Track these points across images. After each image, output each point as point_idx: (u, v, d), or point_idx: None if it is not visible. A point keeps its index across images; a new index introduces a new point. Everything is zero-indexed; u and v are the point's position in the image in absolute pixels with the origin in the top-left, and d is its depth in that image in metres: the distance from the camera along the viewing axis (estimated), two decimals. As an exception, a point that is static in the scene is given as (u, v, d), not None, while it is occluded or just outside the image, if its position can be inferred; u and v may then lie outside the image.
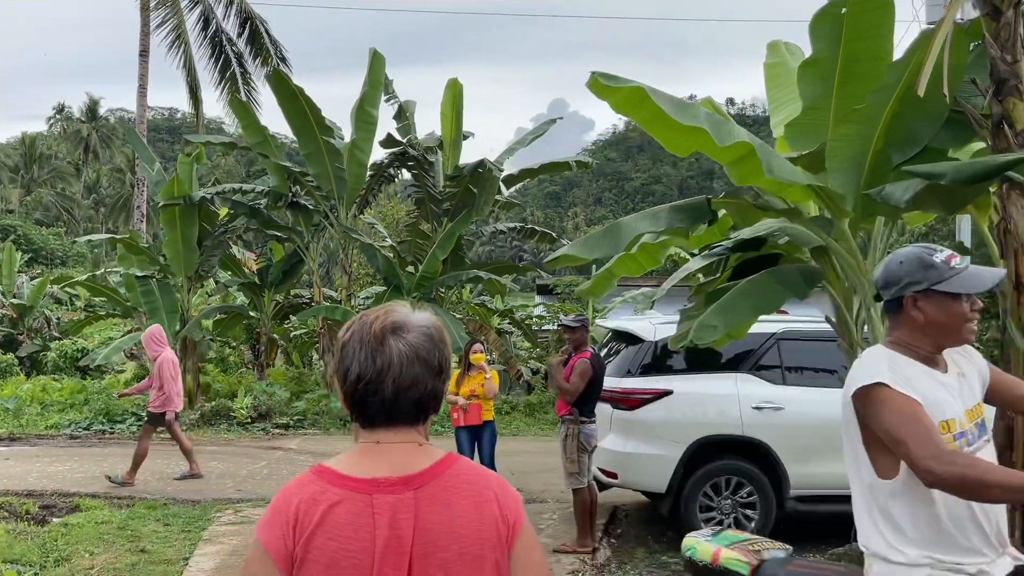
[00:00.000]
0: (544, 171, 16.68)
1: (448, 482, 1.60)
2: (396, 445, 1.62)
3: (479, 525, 1.58)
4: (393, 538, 1.52)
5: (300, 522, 1.54)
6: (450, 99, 16.65)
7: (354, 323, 1.67)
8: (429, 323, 1.66)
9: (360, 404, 1.62)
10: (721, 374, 7.48)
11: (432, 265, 15.86)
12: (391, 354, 1.59)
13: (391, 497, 1.55)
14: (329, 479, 1.58)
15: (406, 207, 30.61)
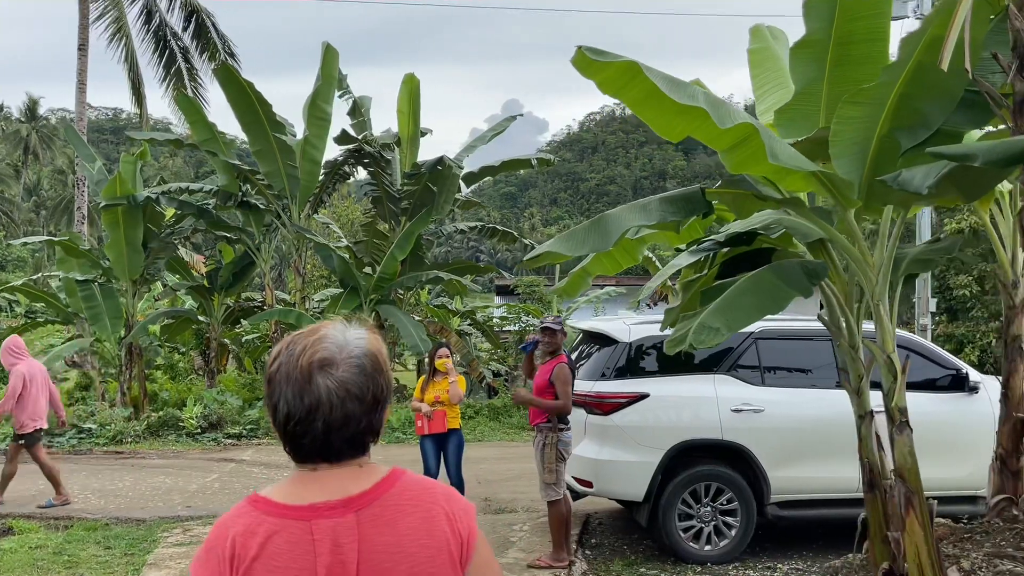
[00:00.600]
0: (505, 168, 16.29)
1: (392, 501, 1.52)
2: (335, 468, 1.54)
3: (428, 542, 1.51)
4: (336, 563, 1.45)
5: (237, 556, 1.46)
6: (407, 94, 16.17)
7: (281, 352, 1.56)
8: (361, 352, 1.54)
9: (291, 442, 1.53)
10: (698, 376, 7.16)
11: (390, 266, 15.36)
12: (319, 393, 1.49)
13: (330, 522, 1.47)
14: (264, 508, 1.50)
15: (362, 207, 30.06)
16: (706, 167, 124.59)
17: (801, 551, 7.29)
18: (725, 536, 6.98)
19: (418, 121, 16.35)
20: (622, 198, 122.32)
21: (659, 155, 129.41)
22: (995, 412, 7.20)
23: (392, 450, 11.94)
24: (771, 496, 7.05)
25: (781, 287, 3.51)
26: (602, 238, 3.70)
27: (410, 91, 16.14)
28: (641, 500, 6.94)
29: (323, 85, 15.38)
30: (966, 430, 7.23)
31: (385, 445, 12.31)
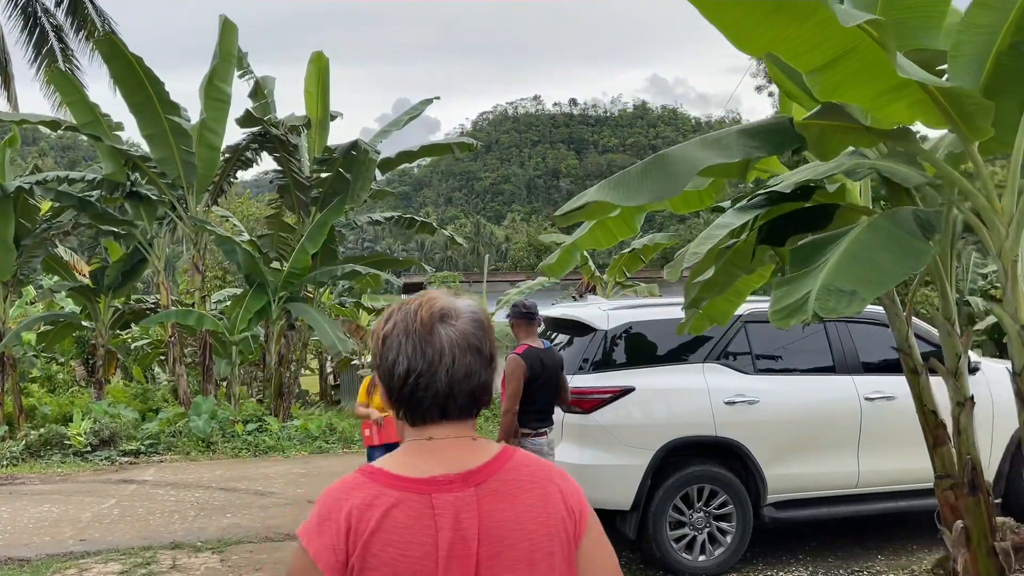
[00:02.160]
0: (424, 154, 15.25)
1: (510, 476, 1.47)
2: (450, 440, 1.48)
3: (546, 520, 1.46)
4: (457, 540, 1.39)
5: (354, 529, 1.38)
6: (315, 74, 14.94)
7: (392, 313, 1.53)
8: (476, 308, 1.54)
9: (410, 400, 1.46)
10: (686, 365, 6.39)
11: (301, 260, 14.09)
12: (442, 344, 1.45)
13: (451, 496, 1.41)
14: (383, 480, 1.43)
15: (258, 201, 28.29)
16: (598, 166, 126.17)
17: (797, 555, 6.64)
18: (720, 544, 6.23)
19: (327, 103, 15.14)
20: (516, 197, 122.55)
21: (552, 154, 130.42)
22: (993, 397, 6.74)
23: (316, 461, 10.76)
24: (767, 496, 6.36)
25: (913, 241, 2.74)
26: (668, 182, 2.85)
27: (318, 70, 14.91)
28: (629, 508, 6.11)
29: (221, 63, 13.99)
30: (964, 415, 6.71)
31: (307, 456, 11.12)
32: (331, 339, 13.36)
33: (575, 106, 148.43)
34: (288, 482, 9.44)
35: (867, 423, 6.49)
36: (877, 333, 6.87)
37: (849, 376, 6.58)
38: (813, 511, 6.46)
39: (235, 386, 14.84)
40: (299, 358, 15.73)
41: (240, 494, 8.88)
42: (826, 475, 6.46)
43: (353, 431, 12.11)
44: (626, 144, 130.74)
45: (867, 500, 6.57)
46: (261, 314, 14.28)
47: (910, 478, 6.62)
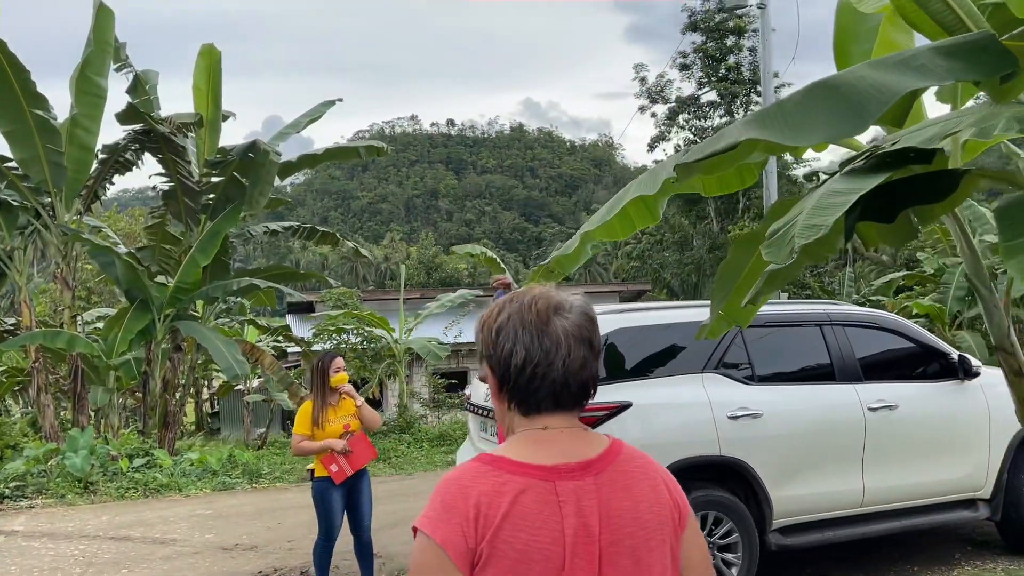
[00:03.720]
0: (328, 158, 14.06)
1: (624, 466, 1.51)
2: (565, 431, 1.52)
3: (659, 509, 1.50)
4: (581, 526, 1.42)
5: (483, 515, 1.39)
6: (205, 69, 13.56)
7: (503, 306, 1.55)
8: (584, 303, 1.56)
9: (526, 389, 1.50)
10: (685, 376, 5.65)
11: (190, 273, 12.64)
12: (558, 335, 1.49)
13: (573, 484, 1.44)
14: (507, 467, 1.45)
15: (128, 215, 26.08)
16: (477, 186, 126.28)
17: (800, 585, 5.98)
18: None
19: (219, 101, 13.76)
20: (394, 216, 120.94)
21: (430, 174, 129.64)
22: (989, 404, 6.33)
23: (221, 499, 9.37)
24: (773, 521, 5.68)
25: None
26: (850, 113, 2.08)
27: (209, 65, 13.54)
28: (628, 543, 5.28)
29: (95, 52, 12.46)
30: (962, 424, 6.27)
31: (209, 494, 9.71)
32: (227, 361, 11.96)
33: (453, 127, 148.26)
34: (193, 526, 8.10)
35: (871, 436, 5.92)
36: (875, 337, 6.37)
37: (850, 384, 6.01)
38: (819, 535, 5.82)
39: (112, 416, 13.15)
40: (186, 383, 14.15)
41: (135, 543, 7.50)
42: (831, 494, 5.84)
43: (260, 463, 10.76)
44: (504, 165, 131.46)
45: (873, 520, 5.99)
46: (144, 334, 12.71)
47: (916, 494, 6.11)
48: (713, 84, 38.41)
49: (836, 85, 2.29)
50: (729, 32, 38.47)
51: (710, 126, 38.78)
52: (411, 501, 8.63)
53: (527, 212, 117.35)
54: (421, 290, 31.90)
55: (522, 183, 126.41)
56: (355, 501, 5.61)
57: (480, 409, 6.19)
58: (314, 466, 5.58)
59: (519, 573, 1.38)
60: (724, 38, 38.59)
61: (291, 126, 14.60)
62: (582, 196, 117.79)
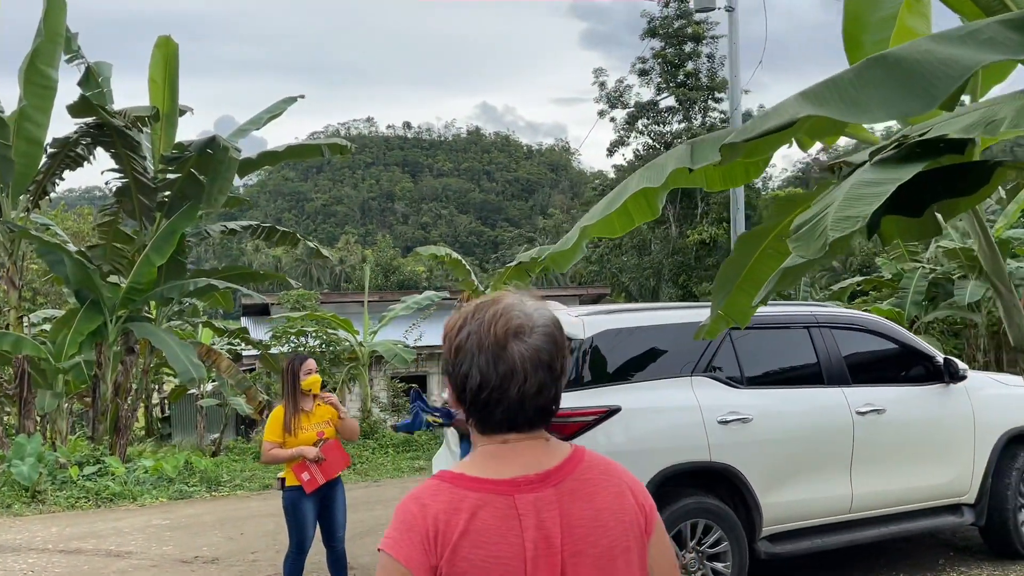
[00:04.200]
0: (290, 156, 13.66)
1: (586, 475, 1.50)
2: (524, 444, 1.50)
3: (622, 516, 1.49)
4: (542, 539, 1.41)
5: (441, 533, 1.39)
6: (161, 62, 13.09)
7: (465, 321, 1.51)
8: (549, 321, 1.51)
9: (482, 412, 1.49)
10: (673, 379, 5.46)
11: (145, 272, 12.16)
12: (514, 360, 1.45)
13: (532, 496, 1.43)
14: (464, 484, 1.44)
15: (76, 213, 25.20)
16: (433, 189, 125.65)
17: (787, 594, 5.83)
18: (716, 594, 5.31)
19: (176, 95, 13.30)
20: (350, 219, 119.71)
21: (386, 176, 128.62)
22: (974, 407, 6.27)
23: (179, 508, 8.95)
24: (762, 529, 5.52)
25: None
26: (914, 90, 1.89)
27: (166, 57, 13.07)
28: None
29: (45, 43, 11.94)
30: (948, 428, 6.19)
31: (166, 503, 9.26)
32: (183, 364, 11.52)
33: (409, 129, 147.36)
34: (149, 537, 7.69)
35: (859, 440, 5.80)
36: (861, 339, 6.27)
37: (838, 388, 5.88)
38: (808, 542, 5.67)
39: (61, 422, 12.59)
40: (139, 387, 13.63)
41: (88, 557, 7.09)
42: (820, 500, 5.71)
43: (219, 470, 10.34)
44: (461, 168, 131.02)
45: (861, 526, 5.87)
46: (95, 336, 12.19)
47: (903, 499, 6.01)
48: (672, 90, 38.63)
49: (897, 60, 2.10)
50: (687, 38, 38.72)
51: (668, 131, 38.99)
52: (379, 509, 8.33)
53: (484, 216, 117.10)
54: (380, 293, 31.47)
55: (479, 187, 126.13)
56: (328, 511, 5.31)
57: (459, 414, 5.94)
58: (285, 475, 5.26)
59: None
60: (682, 44, 38.83)
61: (251, 122, 14.19)
62: (539, 200, 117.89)
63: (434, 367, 27.31)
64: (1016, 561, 6.28)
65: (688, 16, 38.95)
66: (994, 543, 6.40)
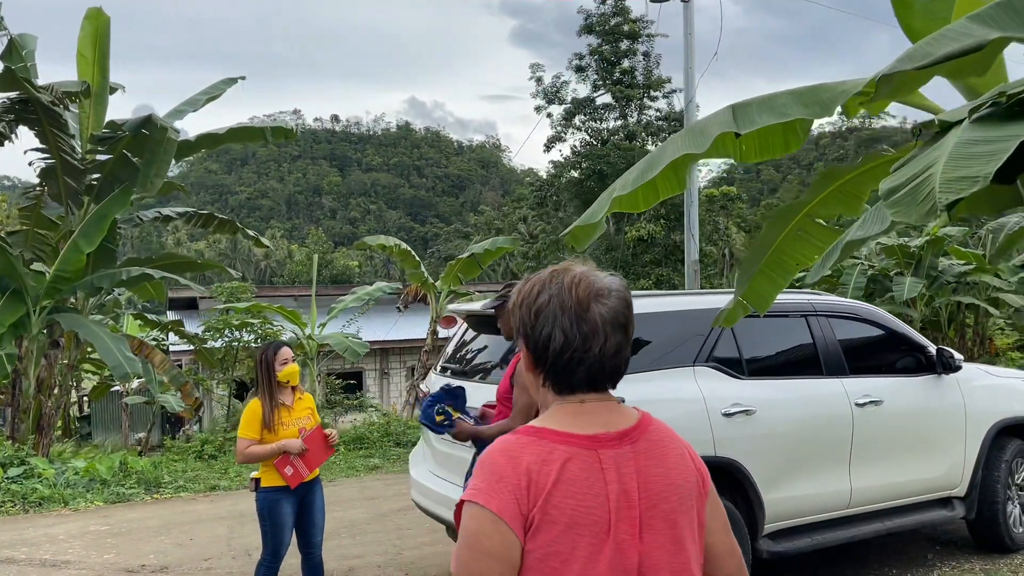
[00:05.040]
0: (231, 139, 12.93)
1: (655, 436, 1.60)
2: (601, 404, 1.58)
3: (687, 475, 1.59)
4: (622, 493, 1.48)
5: (534, 483, 1.44)
6: (91, 35, 12.23)
7: (544, 285, 1.59)
8: (622, 287, 1.61)
9: (563, 372, 1.56)
10: (676, 369, 5.16)
11: (73, 260, 11.32)
12: (597, 322, 1.53)
13: (612, 452, 1.52)
14: (552, 437, 1.51)
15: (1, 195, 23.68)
16: (362, 184, 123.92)
17: (784, 593, 5.61)
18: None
19: (107, 71, 12.44)
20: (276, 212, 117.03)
21: (313, 170, 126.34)
22: (965, 399, 6.16)
23: (118, 512, 8.22)
24: (764, 526, 5.27)
25: None
26: None
27: (96, 30, 12.21)
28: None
29: (-38, 11, 10.97)
30: (941, 420, 6.06)
31: (103, 507, 8.52)
32: (116, 359, 10.76)
33: (337, 122, 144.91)
34: (88, 545, 7.03)
35: (858, 433, 5.61)
36: (857, 329, 6.09)
37: (837, 379, 5.68)
38: (808, 540, 5.45)
39: (-23, 421, 11.65)
40: (64, 383, 12.74)
41: (21, 567, 6.42)
42: (820, 496, 5.49)
43: (159, 471, 9.64)
44: (390, 164, 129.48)
45: (859, 522, 5.68)
46: (17, 328, 11.30)
47: (899, 493, 5.85)
48: (608, 87, 38.71)
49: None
50: (624, 36, 38.86)
51: (605, 128, 39.07)
52: (339, 511, 7.83)
53: (413, 211, 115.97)
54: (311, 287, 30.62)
55: (408, 182, 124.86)
56: (307, 514, 4.84)
57: (442, 407, 5.52)
58: (260, 474, 4.77)
59: (570, 537, 1.43)
60: (619, 42, 38.95)
61: (188, 103, 13.39)
62: (469, 197, 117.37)
63: (370, 363, 26.69)
64: (1004, 555, 6.20)
65: (625, 14, 39.15)
66: (982, 537, 6.30)
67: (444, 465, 5.65)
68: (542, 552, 1.42)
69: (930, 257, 17.84)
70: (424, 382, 6.14)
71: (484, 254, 13.37)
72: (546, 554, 1.42)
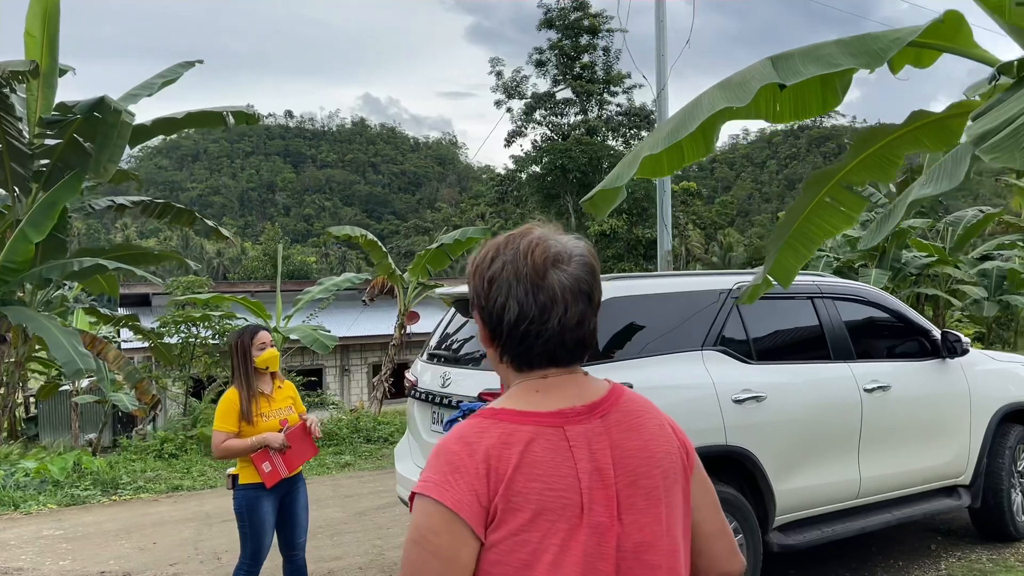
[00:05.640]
0: (189, 123, 12.36)
1: (629, 407, 1.44)
2: (565, 377, 1.44)
3: (668, 448, 1.44)
4: (595, 471, 1.34)
5: (494, 469, 1.30)
6: (40, 14, 11.56)
7: (498, 251, 1.43)
8: (585, 251, 1.44)
9: (520, 346, 1.41)
10: (684, 354, 4.86)
11: (20, 250, 10.68)
12: (554, 289, 1.37)
13: (582, 427, 1.37)
14: (511, 418, 1.37)
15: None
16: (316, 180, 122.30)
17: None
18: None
19: (56, 52, 11.78)
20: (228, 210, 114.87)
21: (267, 166, 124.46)
22: (969, 384, 5.97)
23: (73, 516, 7.68)
24: (776, 518, 5.01)
25: None
26: None
27: (45, 10, 11.55)
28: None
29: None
30: (947, 406, 5.87)
31: (57, 510, 7.95)
32: (68, 354, 10.15)
33: (291, 118, 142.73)
34: (42, 550, 6.51)
35: (867, 420, 5.38)
36: (862, 312, 5.86)
37: (845, 364, 5.44)
38: (819, 532, 5.20)
39: (-83, 421, 10.96)
40: (11, 381, 12.05)
41: (-33, 577, 5.90)
42: (830, 486, 5.25)
43: (116, 472, 9.09)
44: (345, 160, 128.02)
45: (867, 513, 5.46)
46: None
47: (906, 483, 5.64)
48: (568, 82, 38.56)
49: None
50: (584, 31, 38.73)
51: (566, 123, 38.90)
52: (315, 510, 7.33)
53: (369, 208, 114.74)
54: (269, 283, 29.88)
55: (364, 179, 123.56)
56: (289, 513, 4.43)
57: (431, 396, 5.16)
58: (237, 470, 4.36)
59: (539, 525, 1.29)
60: (579, 37, 38.80)
61: (142, 87, 12.77)
62: (426, 194, 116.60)
63: (331, 360, 26.10)
64: (1008, 544, 6.03)
65: (584, 9, 39.03)
66: (986, 526, 6.13)
67: (433, 459, 5.29)
68: (508, 545, 1.29)
69: (894, 249, 17.93)
70: (410, 371, 5.76)
71: (454, 244, 12.99)
72: (513, 546, 1.28)
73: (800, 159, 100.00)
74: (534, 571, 1.28)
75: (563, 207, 34.89)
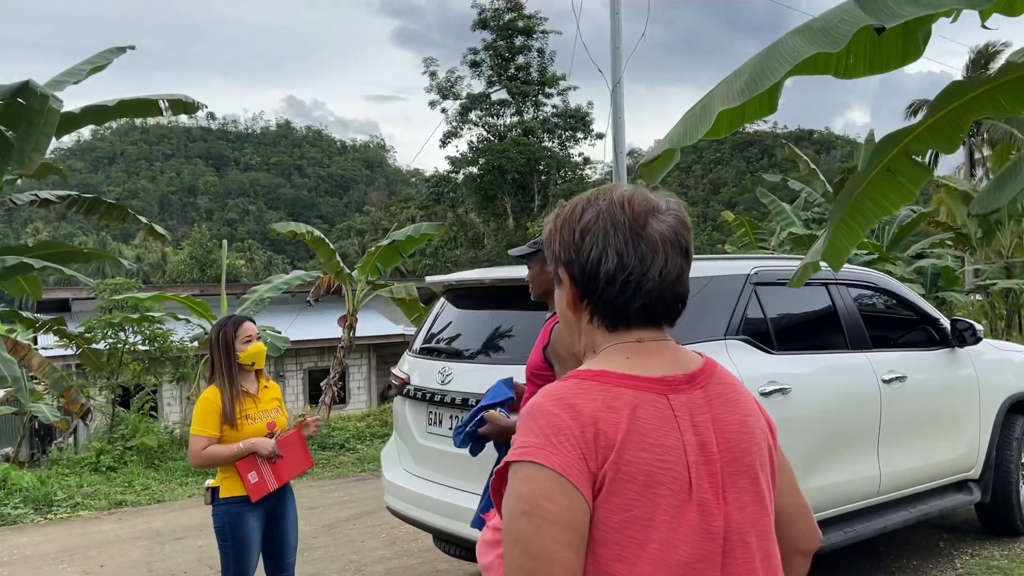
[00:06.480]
0: (122, 112, 11.46)
1: (724, 379, 1.35)
2: (661, 343, 1.34)
3: (762, 424, 1.35)
4: (699, 445, 1.23)
5: (603, 433, 1.18)
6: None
7: (589, 202, 1.34)
8: (678, 206, 1.36)
9: (616, 301, 1.30)
10: (708, 344, 4.48)
11: (-66, 247, 9.73)
12: (656, 240, 1.29)
13: (684, 397, 1.26)
14: (614, 380, 1.24)
15: None
16: (240, 184, 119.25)
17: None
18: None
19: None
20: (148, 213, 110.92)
21: (188, 169, 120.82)
22: (978, 374, 5.77)
23: (7, 537, 6.87)
24: (800, 520, 4.66)
25: None
26: None
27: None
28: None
29: None
30: (958, 397, 5.65)
31: (42, 523, 7.11)
32: (-7, 363, 9.27)
33: (213, 120, 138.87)
34: (-30, 580, 5.76)
35: (885, 413, 5.10)
36: (874, 299, 5.61)
37: (862, 353, 5.16)
38: (842, 533, 4.88)
39: None
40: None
41: None
42: (853, 483, 4.96)
43: (49, 487, 8.26)
44: (270, 163, 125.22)
45: (885, 511, 5.18)
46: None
47: (922, 478, 5.40)
48: (503, 83, 38.24)
49: None
50: (518, 32, 38.49)
51: (502, 124, 38.58)
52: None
53: (295, 212, 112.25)
54: (199, 286, 28.66)
55: (290, 182, 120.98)
56: (277, 530, 3.90)
57: (429, 394, 4.67)
58: (218, 482, 3.79)
59: (648, 498, 1.18)
60: (513, 38, 38.55)
61: (69, 74, 11.83)
62: (354, 197, 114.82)
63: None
64: (1016, 539, 5.85)
65: (519, 10, 38.78)
66: (993, 521, 5.95)
67: (425, 463, 4.82)
68: (617, 519, 1.17)
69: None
70: (397, 367, 5.24)
71: (406, 241, 12.43)
72: (623, 521, 1.17)
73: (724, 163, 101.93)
74: (644, 550, 1.17)
75: (501, 208, 34.55)
